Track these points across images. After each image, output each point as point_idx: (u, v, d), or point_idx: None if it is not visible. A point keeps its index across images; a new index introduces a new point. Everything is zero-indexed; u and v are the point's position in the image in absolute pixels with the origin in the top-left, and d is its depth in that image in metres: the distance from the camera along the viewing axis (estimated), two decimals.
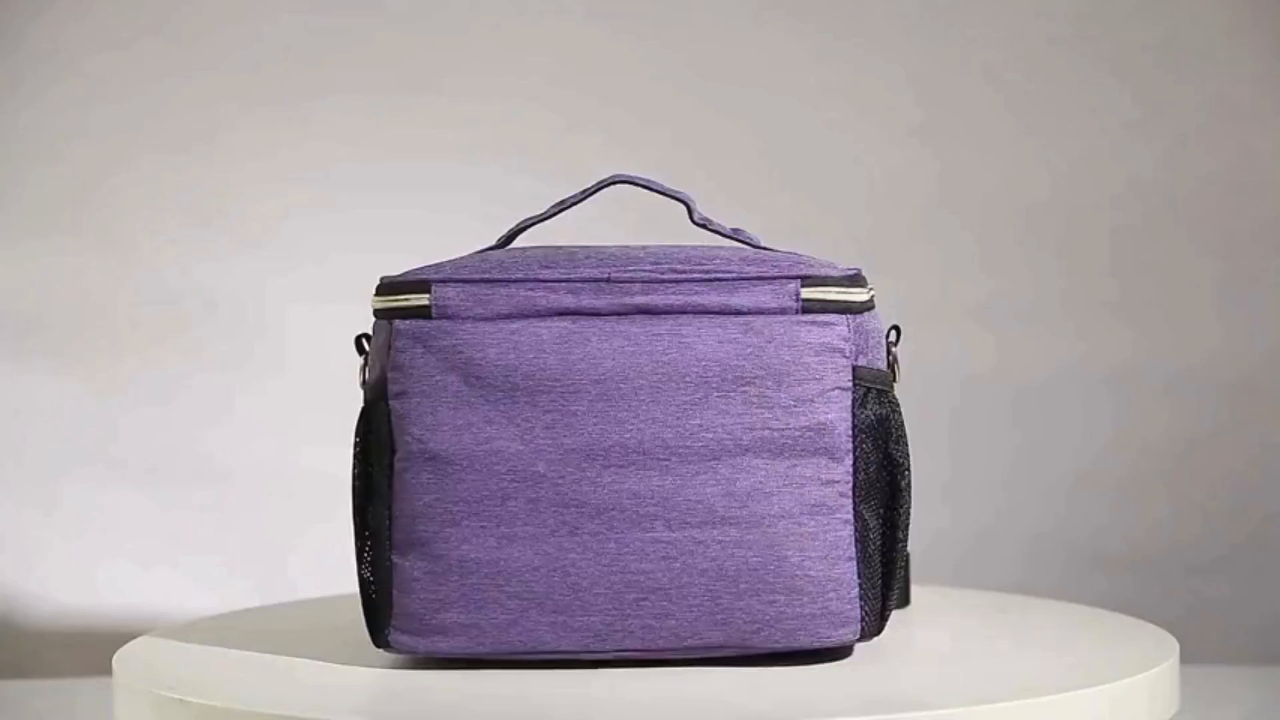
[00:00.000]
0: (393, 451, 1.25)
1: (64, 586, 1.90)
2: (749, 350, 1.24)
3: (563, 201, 1.34)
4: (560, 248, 1.29)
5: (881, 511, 1.27)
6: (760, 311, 1.24)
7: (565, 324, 1.24)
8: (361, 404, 1.29)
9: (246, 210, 1.94)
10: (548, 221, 1.35)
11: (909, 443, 1.28)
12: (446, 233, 1.85)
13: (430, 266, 1.27)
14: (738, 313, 1.24)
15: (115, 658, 1.32)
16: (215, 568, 1.92)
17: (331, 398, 1.93)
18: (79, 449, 1.92)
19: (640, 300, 1.24)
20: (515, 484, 1.23)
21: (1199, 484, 2.00)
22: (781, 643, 1.24)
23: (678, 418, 1.23)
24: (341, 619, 1.46)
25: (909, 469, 1.27)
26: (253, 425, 1.94)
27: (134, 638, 1.41)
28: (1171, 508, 2.00)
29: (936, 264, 2.00)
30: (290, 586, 1.91)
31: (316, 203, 1.95)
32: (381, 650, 1.27)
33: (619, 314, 1.24)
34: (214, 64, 1.94)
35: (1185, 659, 1.39)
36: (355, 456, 1.27)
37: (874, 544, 1.26)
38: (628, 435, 1.23)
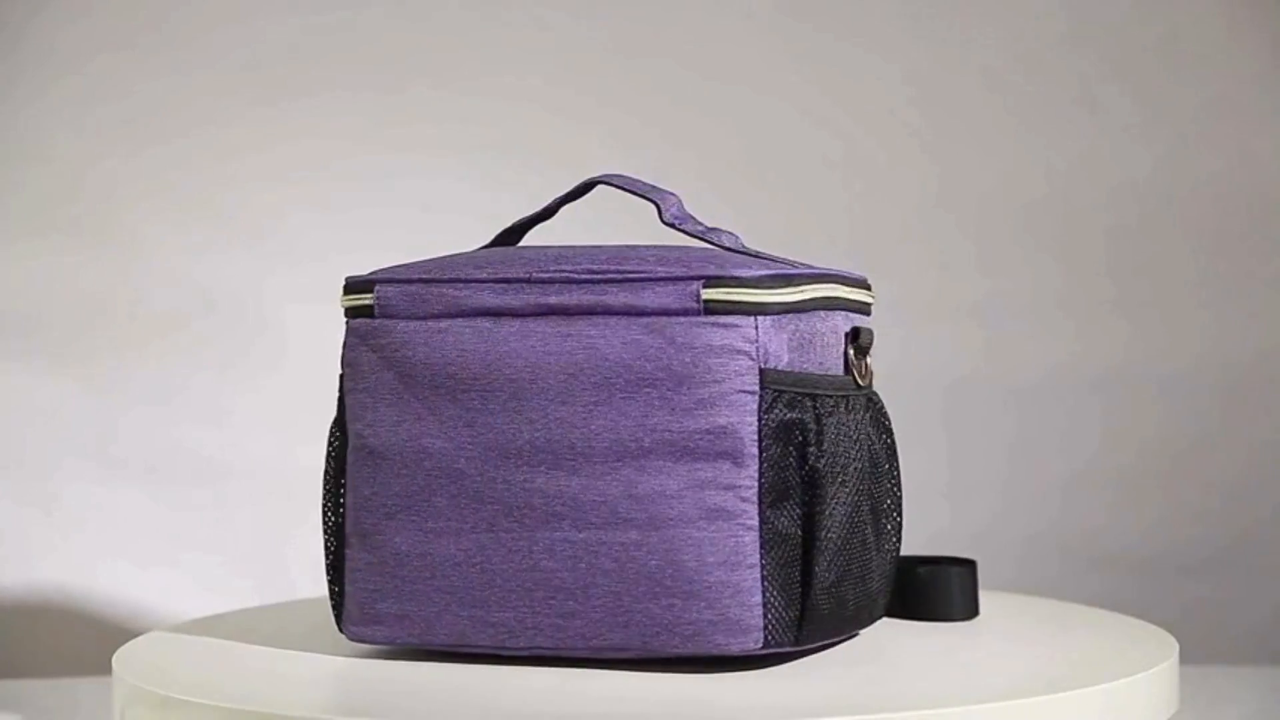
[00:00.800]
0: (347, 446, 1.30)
1: (64, 586, 1.90)
2: (652, 351, 1.23)
3: (547, 206, 1.36)
4: (514, 248, 1.31)
5: (800, 518, 1.23)
6: (664, 312, 1.23)
7: (487, 324, 1.25)
8: None
9: (245, 209, 1.94)
10: (545, 222, 1.36)
11: (870, 446, 1.28)
12: (445, 232, 1.85)
13: (389, 267, 1.31)
14: (643, 313, 1.23)
15: (115, 658, 1.32)
16: (215, 567, 1.92)
17: (330, 396, 1.93)
18: (78, 448, 1.92)
19: (554, 300, 1.25)
20: (440, 480, 1.25)
21: (1196, 483, 2.00)
22: (680, 648, 1.22)
23: (584, 419, 1.23)
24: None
25: (839, 475, 1.24)
26: (252, 424, 1.94)
27: (134, 638, 1.40)
28: (1169, 507, 2.00)
29: (933, 264, 2.01)
30: (290, 586, 1.91)
31: (316, 202, 1.95)
32: (345, 639, 1.32)
33: (535, 314, 1.25)
34: (212, 63, 1.94)
35: (1184, 659, 1.39)
36: (326, 453, 1.32)
37: (787, 551, 1.23)
38: (538, 435, 1.24)
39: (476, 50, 1.97)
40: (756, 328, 1.22)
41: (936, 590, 1.45)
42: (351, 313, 1.32)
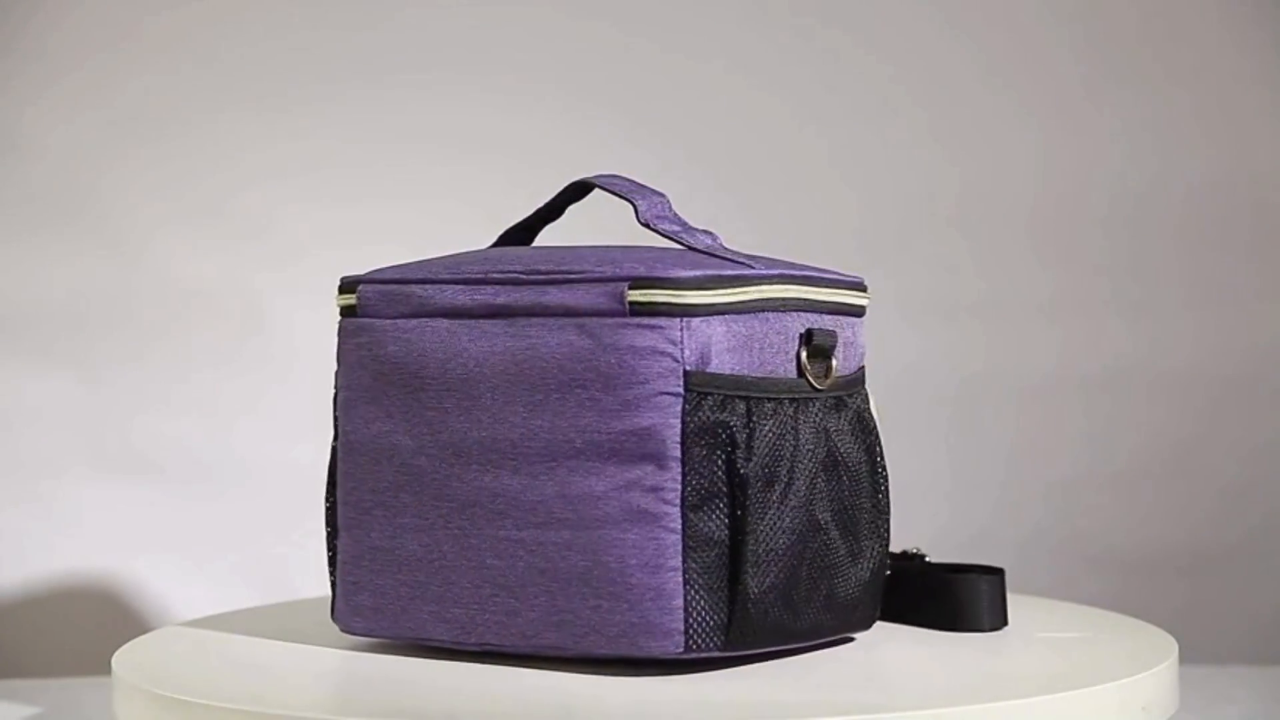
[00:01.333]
0: None
1: (64, 586, 1.90)
2: (583, 352, 1.23)
3: (546, 205, 1.39)
4: (488, 249, 1.34)
5: (727, 522, 1.22)
6: (596, 313, 1.23)
7: (446, 324, 1.28)
8: None
9: (245, 208, 1.94)
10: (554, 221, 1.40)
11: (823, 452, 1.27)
12: (445, 231, 1.85)
13: (382, 268, 1.34)
14: (577, 314, 1.24)
15: (115, 658, 1.32)
16: (214, 567, 1.92)
17: (329, 393, 1.93)
18: (78, 448, 1.92)
19: (502, 301, 1.26)
20: (405, 477, 1.28)
21: (1196, 483, 2.00)
22: (606, 649, 1.22)
23: (524, 418, 1.24)
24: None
25: (778, 479, 1.23)
26: (252, 424, 1.94)
27: (134, 638, 1.41)
28: (1168, 507, 2.00)
29: (932, 263, 2.01)
30: (289, 586, 1.91)
31: (316, 201, 1.95)
32: (345, 637, 1.35)
33: (487, 315, 1.26)
34: (211, 62, 1.94)
35: (1184, 659, 1.39)
36: (331, 448, 1.35)
37: (713, 555, 1.22)
38: (484, 434, 1.26)
39: (477, 49, 1.97)
40: (682, 329, 1.22)
41: (961, 600, 1.41)
42: (342, 312, 1.35)
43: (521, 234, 1.42)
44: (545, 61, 1.98)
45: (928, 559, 1.45)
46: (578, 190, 1.37)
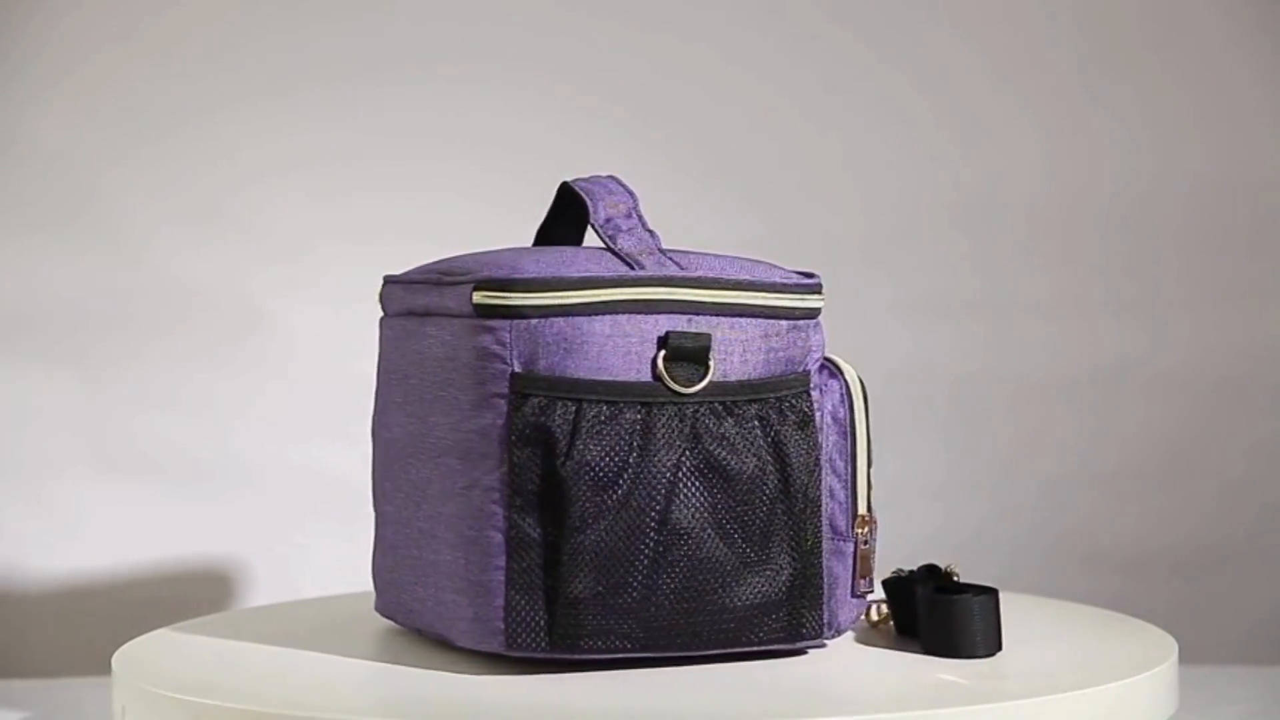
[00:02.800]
0: None
1: (64, 586, 1.90)
2: (448, 353, 1.28)
3: (546, 217, 1.40)
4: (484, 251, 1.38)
5: (548, 524, 1.23)
6: (460, 315, 1.27)
7: (401, 322, 1.35)
8: None
9: (245, 208, 1.94)
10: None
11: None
12: (445, 231, 1.85)
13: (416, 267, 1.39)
14: (453, 316, 1.28)
15: (115, 658, 1.32)
16: (214, 567, 1.92)
17: (332, 395, 1.93)
18: (78, 448, 1.92)
19: (422, 302, 1.32)
20: (391, 467, 1.35)
21: (1195, 483, 2.00)
22: (459, 642, 1.27)
23: (420, 415, 1.31)
24: (342, 618, 1.46)
25: (606, 481, 1.23)
26: (253, 423, 1.94)
27: (134, 638, 1.41)
28: (1168, 507, 2.00)
29: (931, 262, 2.01)
30: (290, 586, 1.91)
31: (316, 201, 1.95)
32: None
33: (418, 314, 1.32)
34: (211, 61, 1.94)
35: (1183, 659, 1.39)
36: None
37: (532, 557, 1.23)
38: (411, 430, 1.32)
39: (479, 46, 1.97)
40: (510, 330, 1.24)
41: (948, 622, 1.32)
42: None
43: (565, 232, 1.41)
44: (548, 60, 1.98)
45: (956, 577, 1.37)
46: (568, 192, 1.37)
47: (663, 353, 1.26)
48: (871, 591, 1.33)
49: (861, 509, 1.32)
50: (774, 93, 2.00)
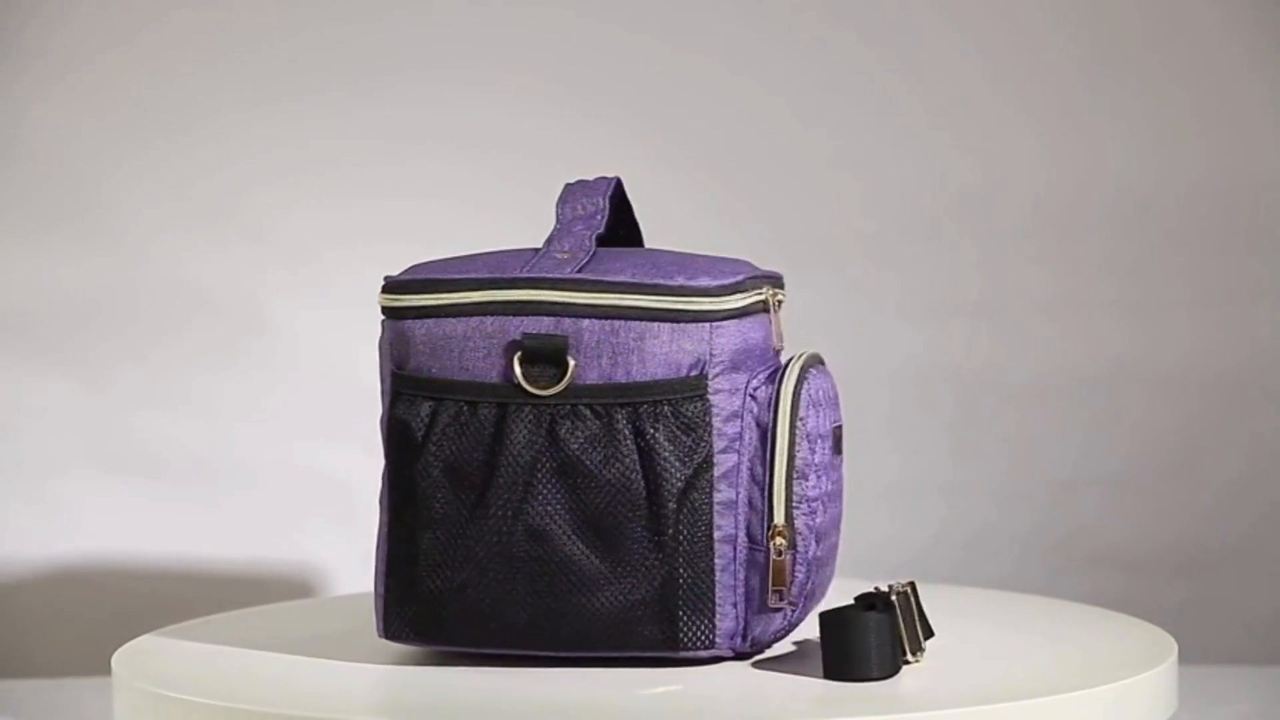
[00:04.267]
0: None
1: (64, 586, 1.90)
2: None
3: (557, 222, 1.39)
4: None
5: (406, 521, 1.27)
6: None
7: None
8: None
9: (245, 209, 1.94)
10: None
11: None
12: (448, 231, 1.85)
13: None
14: None
15: (115, 658, 1.32)
16: (214, 567, 1.92)
17: (334, 397, 1.93)
18: (78, 448, 1.92)
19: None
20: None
21: (1196, 483, 2.00)
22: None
23: None
24: (341, 618, 1.46)
25: (458, 479, 1.26)
26: (255, 424, 1.94)
27: (134, 638, 1.41)
28: (1168, 507, 2.00)
29: (933, 262, 2.01)
30: (290, 586, 1.91)
31: (317, 201, 1.95)
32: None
33: None
34: (212, 62, 1.94)
35: (1183, 659, 1.39)
36: None
37: (397, 549, 1.28)
38: None
39: (479, 48, 1.97)
40: (391, 331, 1.29)
41: (837, 642, 1.24)
42: None
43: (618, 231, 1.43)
44: (549, 62, 1.98)
45: (898, 595, 1.27)
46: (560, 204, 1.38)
47: (518, 354, 1.27)
48: (787, 605, 1.27)
49: (778, 519, 1.27)
50: (775, 94, 2.00)
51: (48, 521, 1.91)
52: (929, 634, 1.29)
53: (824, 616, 1.24)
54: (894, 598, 1.25)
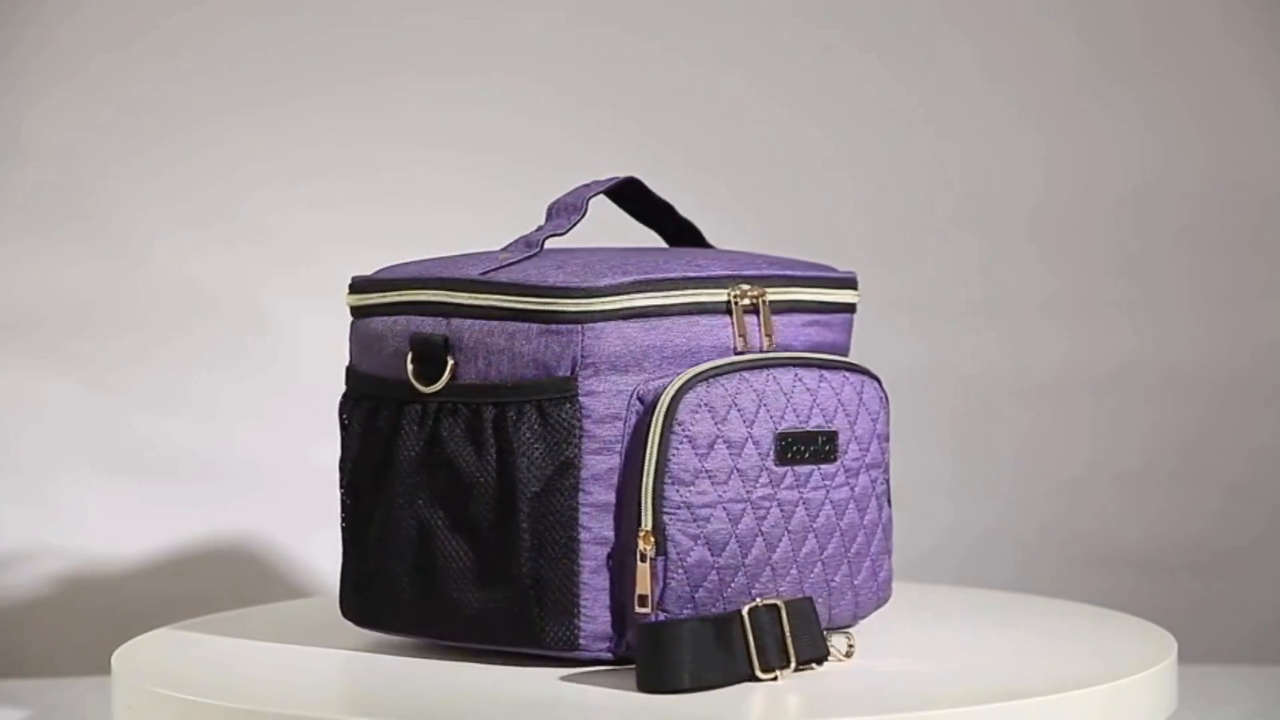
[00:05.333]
0: None
1: (64, 586, 1.90)
2: None
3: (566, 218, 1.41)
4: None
5: (348, 514, 1.36)
6: None
7: None
8: None
9: (245, 209, 1.94)
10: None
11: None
12: (450, 233, 1.85)
13: None
14: None
15: (115, 657, 1.32)
16: (214, 567, 1.92)
17: (333, 397, 1.93)
18: (78, 448, 1.92)
19: None
20: None
21: (1197, 483, 2.00)
22: None
23: None
24: (341, 618, 1.46)
25: (378, 474, 1.33)
26: (255, 425, 1.94)
27: (134, 638, 1.41)
28: (1169, 507, 2.00)
29: (936, 263, 2.01)
30: (291, 586, 1.92)
31: (317, 201, 1.95)
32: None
33: None
34: (213, 62, 1.94)
35: (1184, 659, 1.39)
36: None
37: (349, 534, 1.36)
38: None
39: (480, 49, 1.97)
40: (351, 330, 1.37)
41: (646, 652, 1.21)
42: None
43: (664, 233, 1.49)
44: (549, 64, 1.98)
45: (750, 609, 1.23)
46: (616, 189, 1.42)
47: (409, 353, 1.30)
48: (658, 613, 1.25)
49: (646, 525, 1.25)
50: (775, 95, 2.00)
51: (48, 521, 1.91)
52: (813, 654, 1.24)
53: (638, 627, 1.22)
54: (745, 612, 1.22)
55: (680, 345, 1.29)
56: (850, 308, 1.41)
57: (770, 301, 1.33)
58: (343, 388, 1.39)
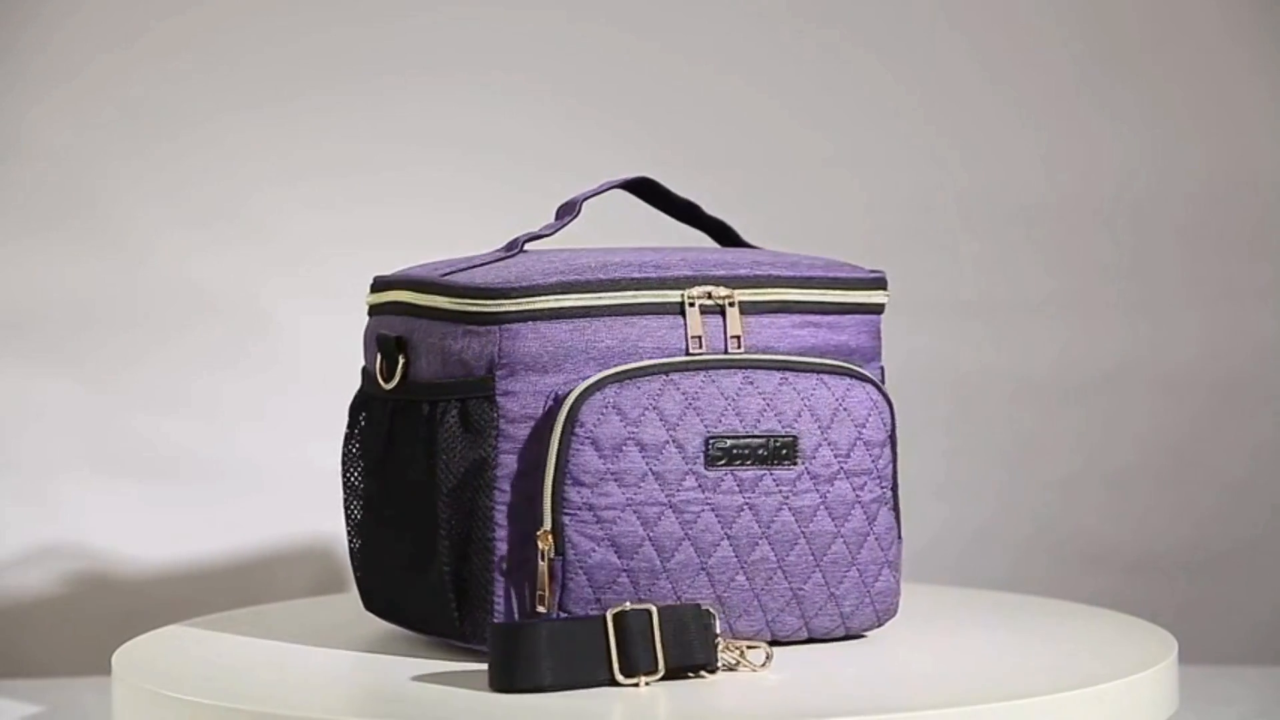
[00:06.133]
0: None
1: (64, 586, 1.90)
2: None
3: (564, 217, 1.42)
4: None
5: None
6: None
7: None
8: None
9: (245, 209, 1.94)
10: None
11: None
12: (451, 234, 1.85)
13: None
14: None
15: (115, 657, 1.32)
16: (215, 567, 1.92)
17: (333, 397, 1.93)
18: (78, 447, 1.92)
19: None
20: None
21: (1196, 483, 2.00)
22: None
23: None
24: (341, 618, 1.46)
25: (360, 467, 1.38)
26: (255, 425, 1.94)
27: (134, 638, 1.41)
28: (1168, 506, 2.00)
29: (933, 262, 2.01)
30: (291, 586, 1.92)
31: (317, 201, 1.95)
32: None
33: None
34: (213, 62, 1.94)
35: (1184, 659, 1.39)
36: None
37: (359, 537, 1.40)
38: None
39: (481, 50, 1.97)
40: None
41: (496, 651, 1.21)
42: None
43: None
44: (551, 64, 1.98)
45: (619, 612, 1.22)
46: (634, 187, 1.44)
47: (378, 351, 1.35)
48: (553, 611, 1.26)
49: (545, 525, 1.26)
50: (774, 95, 2.00)
51: (48, 521, 1.91)
52: (691, 662, 1.22)
53: (489, 626, 1.22)
54: (610, 615, 1.21)
55: (610, 347, 1.29)
56: (863, 308, 1.39)
57: (748, 302, 1.32)
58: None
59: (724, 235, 1.48)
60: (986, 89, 2.01)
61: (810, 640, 1.32)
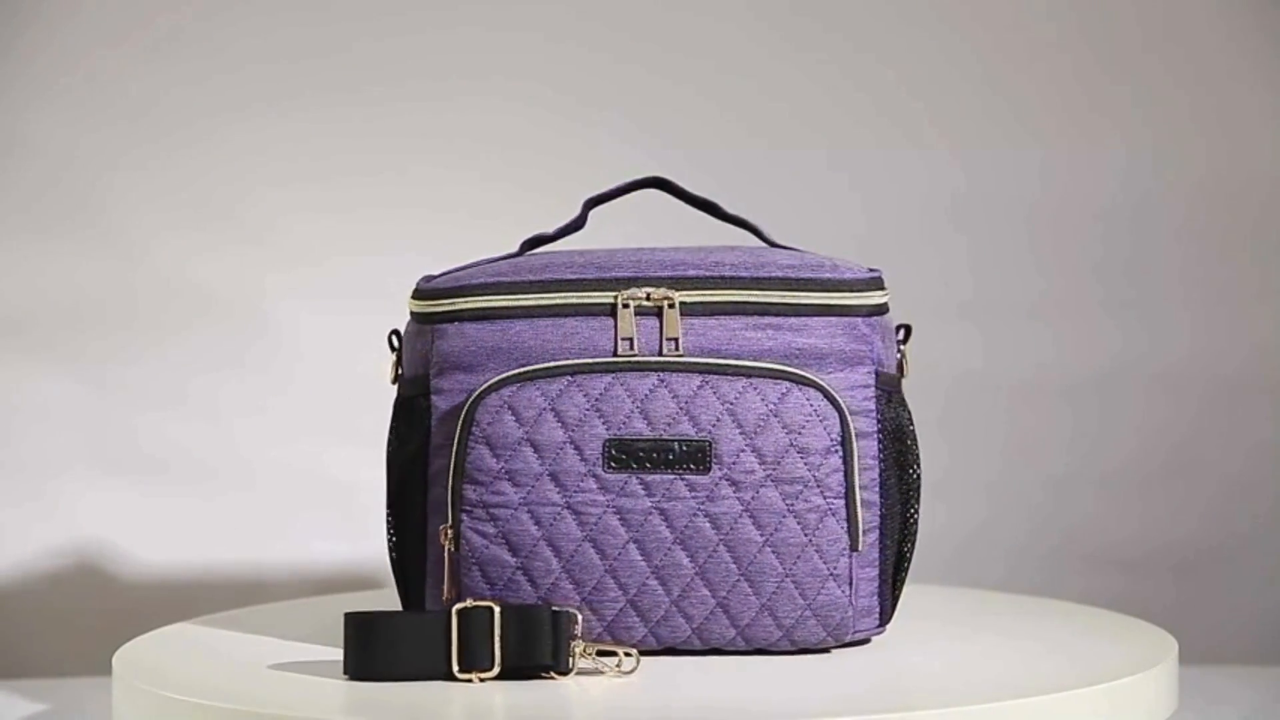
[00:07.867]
0: None
1: (64, 586, 1.90)
2: None
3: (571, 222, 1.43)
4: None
5: None
6: None
7: None
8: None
9: (245, 209, 1.94)
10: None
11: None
12: (451, 235, 1.85)
13: None
14: None
15: (115, 658, 1.32)
16: (215, 567, 1.92)
17: (330, 396, 1.93)
18: (78, 447, 1.92)
19: None
20: None
21: (1194, 482, 2.00)
22: None
23: None
24: (342, 618, 1.46)
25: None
26: (255, 425, 1.94)
27: (134, 638, 1.41)
28: (1167, 506, 2.00)
29: (929, 263, 2.01)
30: (290, 586, 1.92)
31: (317, 201, 1.95)
32: None
33: None
34: (213, 62, 1.94)
35: (1183, 659, 1.40)
36: None
37: None
38: None
39: (481, 50, 1.97)
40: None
41: (350, 639, 1.26)
42: None
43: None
44: (551, 67, 1.98)
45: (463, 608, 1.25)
46: (652, 184, 1.45)
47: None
48: (456, 600, 1.27)
49: (448, 520, 1.29)
50: (770, 98, 2.00)
51: (48, 521, 1.91)
52: (528, 662, 1.23)
53: (344, 615, 1.26)
54: (454, 611, 1.23)
55: (532, 348, 1.30)
56: (837, 309, 1.34)
57: (696, 303, 1.31)
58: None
59: (751, 232, 1.48)
60: (983, 90, 2.01)
61: (760, 652, 1.30)
